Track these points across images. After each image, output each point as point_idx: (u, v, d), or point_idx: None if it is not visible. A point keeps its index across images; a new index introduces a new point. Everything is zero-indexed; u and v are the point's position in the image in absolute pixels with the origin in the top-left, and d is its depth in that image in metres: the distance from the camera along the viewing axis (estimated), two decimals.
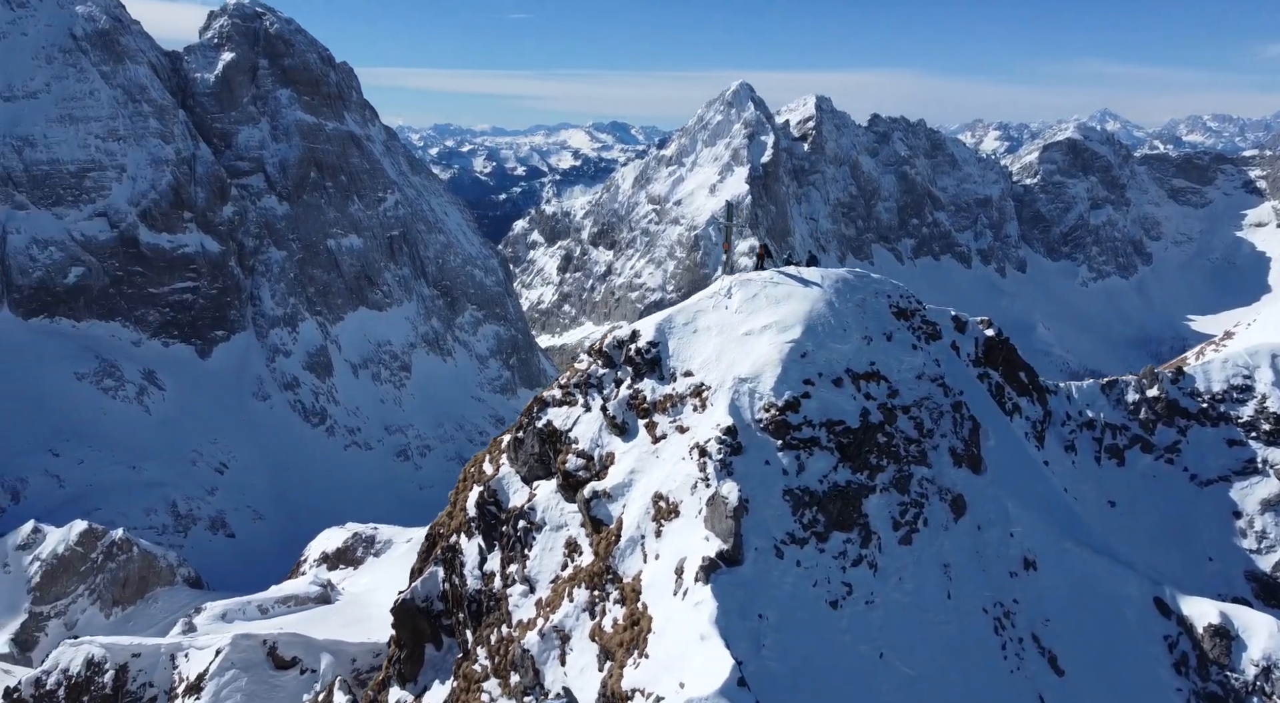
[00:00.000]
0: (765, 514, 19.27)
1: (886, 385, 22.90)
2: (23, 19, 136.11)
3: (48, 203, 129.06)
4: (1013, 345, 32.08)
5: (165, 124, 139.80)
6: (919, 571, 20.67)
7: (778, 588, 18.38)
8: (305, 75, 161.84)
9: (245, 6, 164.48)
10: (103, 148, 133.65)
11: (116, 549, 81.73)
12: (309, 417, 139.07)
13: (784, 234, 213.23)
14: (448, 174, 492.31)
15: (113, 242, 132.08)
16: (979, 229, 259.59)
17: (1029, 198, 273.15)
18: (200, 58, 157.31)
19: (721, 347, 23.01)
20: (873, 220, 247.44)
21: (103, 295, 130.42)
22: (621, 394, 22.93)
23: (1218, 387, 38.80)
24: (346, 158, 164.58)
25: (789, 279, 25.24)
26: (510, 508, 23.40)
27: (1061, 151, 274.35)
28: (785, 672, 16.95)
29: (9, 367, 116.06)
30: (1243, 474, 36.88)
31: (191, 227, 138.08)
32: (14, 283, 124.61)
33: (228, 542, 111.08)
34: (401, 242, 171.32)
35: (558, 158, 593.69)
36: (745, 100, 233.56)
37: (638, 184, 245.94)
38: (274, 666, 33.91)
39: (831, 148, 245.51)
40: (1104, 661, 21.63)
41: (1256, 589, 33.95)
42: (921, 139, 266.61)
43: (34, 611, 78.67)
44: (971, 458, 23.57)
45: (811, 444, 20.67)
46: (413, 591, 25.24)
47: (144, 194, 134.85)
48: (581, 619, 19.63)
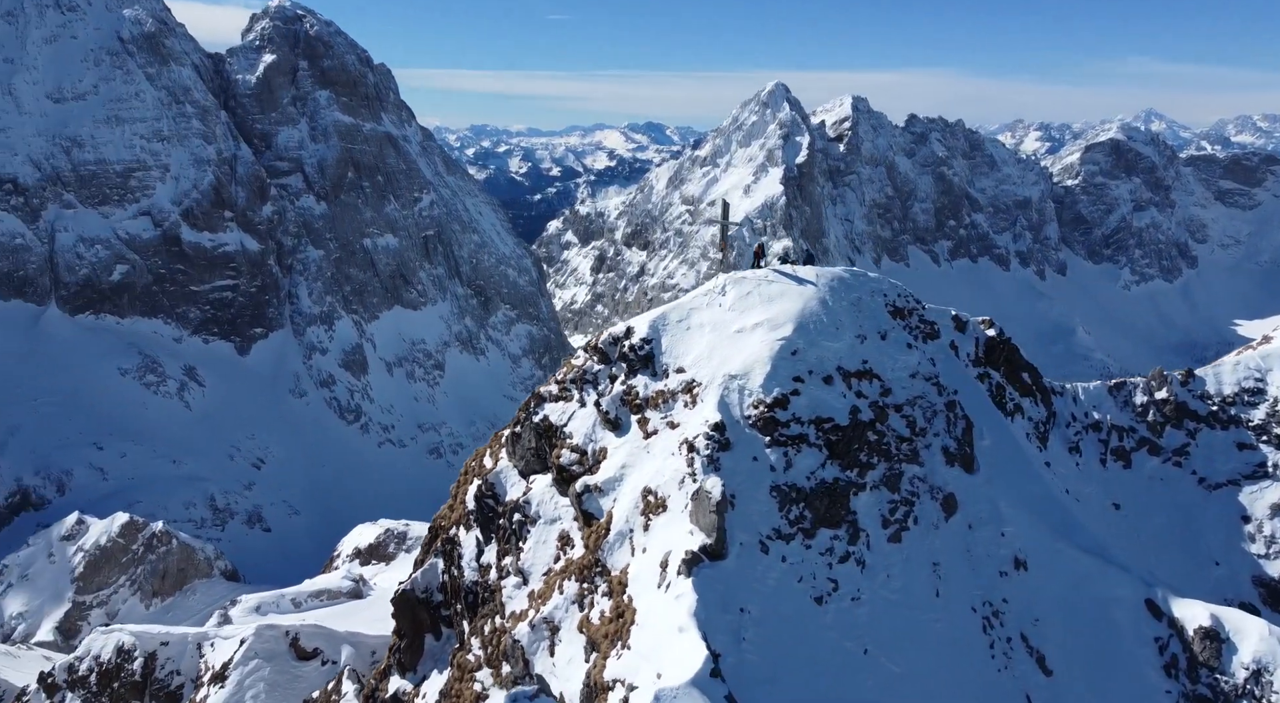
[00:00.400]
0: (751, 510, 19.40)
1: (879, 384, 22.95)
2: (72, 22, 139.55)
3: (94, 202, 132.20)
4: (1015, 346, 31.83)
5: (208, 125, 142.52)
6: (908, 568, 20.66)
7: (762, 583, 18.46)
8: (344, 76, 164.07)
9: (286, 9, 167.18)
10: (147, 148, 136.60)
11: (156, 541, 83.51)
12: (344, 414, 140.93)
13: (818, 235, 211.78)
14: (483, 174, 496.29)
15: (156, 240, 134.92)
16: (1018, 231, 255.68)
17: (1070, 199, 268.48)
18: (242, 59, 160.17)
19: (713, 344, 23.19)
20: (909, 222, 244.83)
21: (146, 293, 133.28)
22: (615, 390, 23.20)
23: (1229, 389, 38.18)
24: (383, 158, 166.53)
25: (783, 278, 25.28)
26: (507, 501, 23.78)
27: (1104, 152, 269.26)
28: (766, 665, 16.99)
29: (56, 362, 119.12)
30: (1253, 478, 36.26)
31: (232, 226, 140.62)
32: (61, 280, 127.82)
33: (264, 536, 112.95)
34: (436, 241, 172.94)
35: (592, 158, 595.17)
36: (780, 100, 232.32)
37: (671, 184, 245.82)
38: (296, 656, 34.50)
39: (867, 148, 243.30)
40: (1093, 661, 21.59)
41: (1264, 595, 33.36)
42: (959, 140, 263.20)
43: (77, 600, 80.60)
44: (964, 457, 23.64)
45: (800, 441, 20.78)
46: (413, 581, 25.70)
47: (186, 193, 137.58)
48: (571, 611, 19.88)
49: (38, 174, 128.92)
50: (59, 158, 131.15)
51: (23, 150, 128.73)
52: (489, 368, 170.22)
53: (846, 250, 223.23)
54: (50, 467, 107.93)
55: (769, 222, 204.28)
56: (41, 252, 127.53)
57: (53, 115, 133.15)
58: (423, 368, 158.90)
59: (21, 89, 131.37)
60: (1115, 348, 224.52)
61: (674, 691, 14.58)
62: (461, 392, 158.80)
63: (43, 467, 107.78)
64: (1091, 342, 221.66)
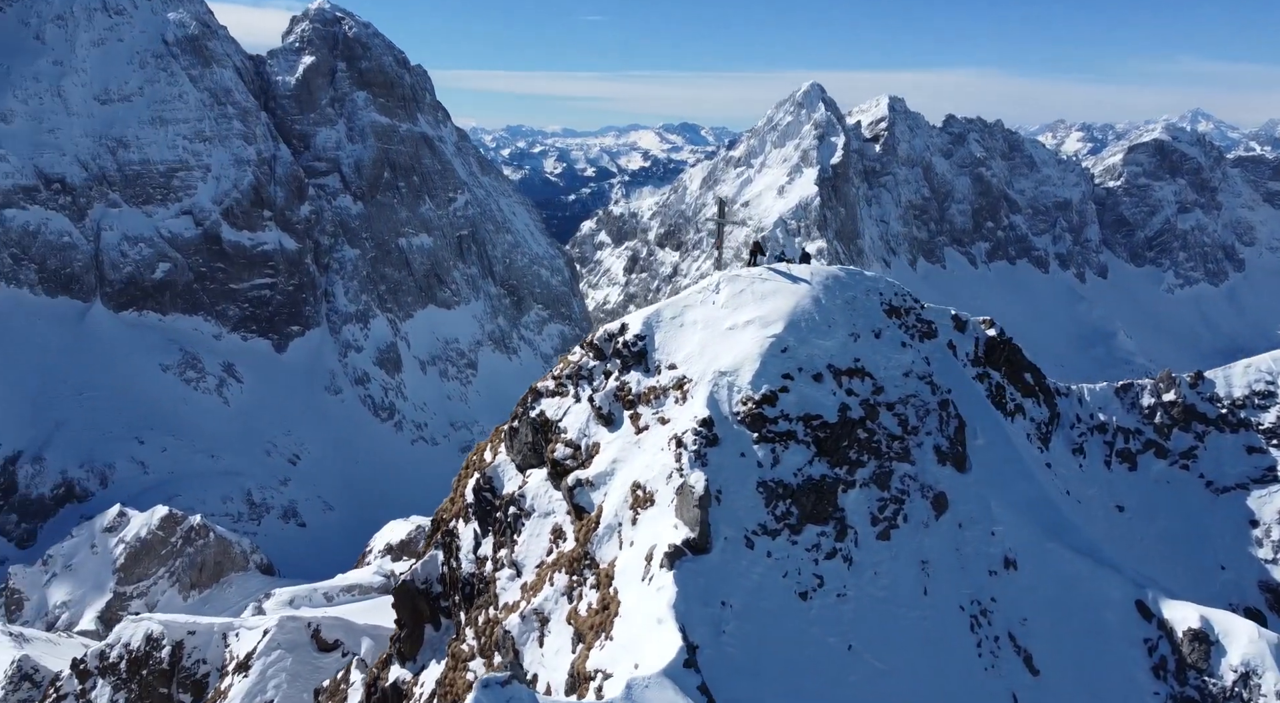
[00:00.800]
0: (738, 505, 19.57)
1: (871, 382, 23.05)
2: (119, 25, 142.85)
3: (138, 201, 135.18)
4: (1016, 346, 31.67)
5: (248, 126, 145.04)
6: (895, 566, 20.71)
7: (745, 577, 18.62)
8: (381, 77, 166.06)
9: (325, 11, 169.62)
10: (189, 149, 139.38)
11: (194, 534, 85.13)
12: (378, 411, 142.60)
13: (853, 237, 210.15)
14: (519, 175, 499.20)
15: (197, 239, 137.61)
16: (1058, 233, 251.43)
17: (1112, 201, 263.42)
18: (282, 61, 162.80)
19: (705, 341, 23.36)
20: (945, 223, 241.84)
21: (187, 290, 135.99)
22: (609, 386, 23.53)
23: (1239, 392, 37.62)
24: (419, 158, 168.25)
25: (778, 276, 25.37)
26: (503, 495, 24.19)
27: (1148, 153, 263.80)
28: (746, 658, 17.08)
29: (101, 358, 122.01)
30: (1262, 482, 35.71)
31: (270, 225, 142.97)
32: (106, 277, 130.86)
33: (299, 530, 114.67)
34: (470, 241, 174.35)
35: (627, 159, 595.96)
36: (815, 101, 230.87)
37: (705, 185, 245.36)
38: (317, 648, 35.06)
39: (904, 149, 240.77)
40: (1081, 662, 21.51)
41: (1270, 600, 32.83)
42: (998, 140, 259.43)
43: (118, 590, 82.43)
44: (956, 456, 23.62)
45: (787, 438, 20.90)
46: (413, 572, 26.15)
47: (227, 193, 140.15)
48: (560, 603, 20.16)
49: (85, 174, 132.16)
50: (105, 158, 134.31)
51: (71, 151, 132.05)
52: (521, 367, 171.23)
53: (881, 252, 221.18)
54: (94, 460, 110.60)
55: (803, 223, 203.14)
56: (87, 249, 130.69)
57: (99, 116, 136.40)
58: (456, 367, 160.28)
59: (70, 91, 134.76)
60: (1157, 352, 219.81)
61: (646, 679, 14.72)
62: (494, 391, 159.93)
63: (87, 460, 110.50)
64: (1133, 345, 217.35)
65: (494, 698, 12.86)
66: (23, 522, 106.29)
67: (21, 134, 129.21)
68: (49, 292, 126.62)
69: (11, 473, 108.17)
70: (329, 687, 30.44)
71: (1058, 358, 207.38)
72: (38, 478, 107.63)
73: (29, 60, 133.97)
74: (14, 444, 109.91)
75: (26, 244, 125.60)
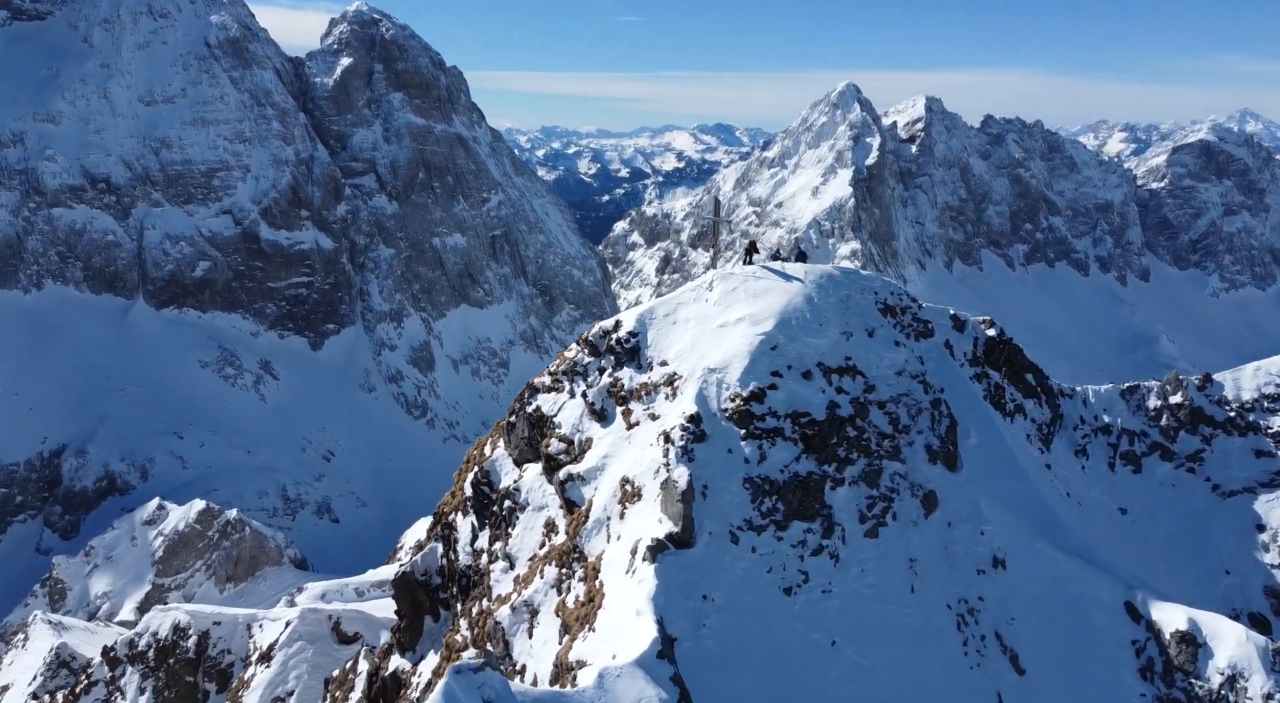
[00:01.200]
0: (723, 501, 19.71)
1: (862, 380, 23.11)
2: (163, 29, 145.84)
3: (180, 201, 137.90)
4: (1017, 346, 31.62)
5: (287, 126, 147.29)
6: (883, 563, 20.75)
7: (729, 572, 18.74)
8: (417, 79, 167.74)
9: (363, 13, 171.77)
10: (230, 149, 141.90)
11: (231, 529, 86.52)
12: (411, 409, 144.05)
13: (888, 238, 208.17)
14: (553, 175, 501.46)
15: (236, 238, 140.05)
16: (1098, 235, 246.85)
17: (1155, 203, 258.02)
18: (320, 63, 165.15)
19: (696, 338, 23.55)
20: (982, 225, 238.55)
21: (226, 288, 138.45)
22: (602, 382, 23.84)
23: (1248, 395, 36.95)
24: (453, 159, 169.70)
25: (771, 274, 25.53)
26: (500, 489, 24.59)
27: (1193, 154, 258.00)
28: (726, 651, 17.23)
29: (143, 354, 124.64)
30: (1270, 486, 35.11)
31: (308, 224, 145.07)
32: (149, 275, 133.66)
33: (332, 526, 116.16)
34: (503, 241, 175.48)
35: (661, 159, 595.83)
36: (851, 101, 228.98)
37: (739, 186, 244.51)
38: (337, 639, 35.64)
39: (941, 150, 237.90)
40: (1067, 662, 21.46)
41: (1276, 605, 32.31)
42: (1038, 141, 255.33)
43: (156, 582, 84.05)
44: (947, 455, 23.66)
45: (775, 434, 21.00)
46: (413, 564, 26.61)
47: (265, 193, 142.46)
48: (550, 595, 20.44)
49: (129, 174, 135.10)
50: (148, 158, 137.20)
51: (116, 151, 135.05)
52: None
53: (917, 253, 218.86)
54: (135, 454, 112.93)
55: (837, 224, 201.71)
56: (131, 248, 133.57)
57: (143, 117, 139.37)
58: (487, 366, 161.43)
59: (116, 93, 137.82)
60: (1201, 357, 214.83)
61: (618, 669, 14.81)
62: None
63: (128, 454, 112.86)
64: (1175, 350, 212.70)
65: (466, 684, 12.95)
66: (66, 513, 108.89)
67: (69, 135, 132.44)
68: (94, 289, 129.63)
69: (56, 466, 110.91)
70: (338, 676, 31.03)
71: (1097, 362, 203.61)
72: (81, 471, 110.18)
73: (77, 63, 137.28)
74: (59, 438, 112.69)
75: (73, 242, 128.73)
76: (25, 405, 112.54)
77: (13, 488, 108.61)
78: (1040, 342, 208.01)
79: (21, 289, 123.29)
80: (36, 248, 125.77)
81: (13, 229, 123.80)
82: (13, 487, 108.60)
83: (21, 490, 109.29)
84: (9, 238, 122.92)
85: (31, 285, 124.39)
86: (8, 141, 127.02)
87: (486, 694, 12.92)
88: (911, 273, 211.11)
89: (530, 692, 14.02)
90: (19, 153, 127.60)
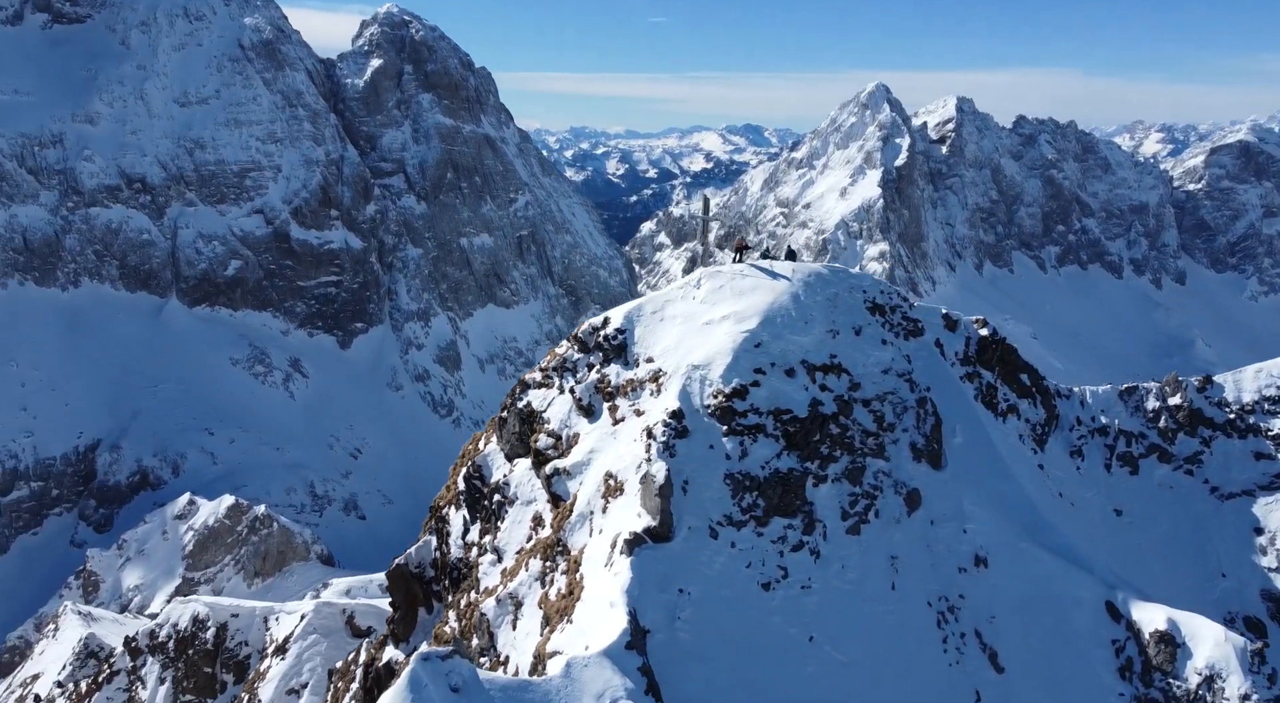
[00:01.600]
0: (704, 496, 19.94)
1: (848, 378, 23.30)
2: (199, 31, 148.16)
3: (213, 200, 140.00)
4: (1011, 346, 31.54)
5: (318, 127, 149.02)
6: (864, 560, 20.90)
7: (707, 566, 18.94)
8: (446, 80, 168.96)
9: (394, 15, 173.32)
10: (262, 150, 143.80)
11: (259, 524, 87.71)
12: (438, 408, 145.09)
13: (917, 239, 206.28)
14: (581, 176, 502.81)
15: (267, 237, 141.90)
16: (1132, 238, 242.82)
17: (1192, 205, 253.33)
18: (351, 64, 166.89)
19: (682, 335, 23.83)
20: (1014, 226, 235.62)
21: (257, 287, 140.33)
22: (590, 378, 24.19)
23: (1248, 397, 36.43)
24: (481, 159, 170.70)
25: (758, 272, 25.77)
26: (491, 483, 25.02)
27: (1231, 155, 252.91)
28: (700, 644, 17.40)
29: (176, 351, 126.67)
30: (1269, 489, 34.61)
31: (337, 224, 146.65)
32: (182, 274, 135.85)
33: (359, 523, 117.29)
34: (530, 241, 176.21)
35: (689, 160, 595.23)
36: (880, 102, 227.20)
37: (766, 186, 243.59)
38: (351, 633, 36.09)
39: (972, 151, 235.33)
40: (1047, 661, 21.58)
41: (1273, 609, 31.94)
42: (1071, 141, 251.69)
43: (187, 576, 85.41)
44: (932, 454, 23.81)
45: (756, 431, 21.22)
46: (407, 557, 27.03)
47: (296, 193, 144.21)
48: (534, 588, 20.73)
49: (164, 174, 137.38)
50: (183, 159, 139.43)
51: (151, 152, 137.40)
52: None
53: (946, 255, 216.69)
54: (167, 450, 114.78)
55: (865, 225, 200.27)
56: (165, 247, 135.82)
57: (178, 118, 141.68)
58: (514, 365, 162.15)
59: (152, 94, 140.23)
60: (1238, 362, 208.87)
61: (586, 659, 15.01)
62: None
63: (160, 449, 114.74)
64: (1212, 355, 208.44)
65: (432, 671, 13.00)
66: (100, 507, 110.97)
67: (106, 136, 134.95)
68: (129, 287, 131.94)
69: (91, 461, 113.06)
70: (341, 668, 31.56)
71: (1131, 367, 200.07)
72: (115, 466, 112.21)
73: (115, 65, 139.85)
74: (94, 433, 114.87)
75: (109, 241, 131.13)
76: (62, 401, 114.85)
77: (49, 482, 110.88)
78: (1072, 345, 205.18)
79: (59, 287, 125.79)
80: (74, 247, 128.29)
81: (51, 228, 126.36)
82: (49, 480, 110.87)
83: (58, 484, 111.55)
84: (48, 237, 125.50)
85: (69, 283, 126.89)
86: (47, 142, 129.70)
87: (454, 682, 12.96)
88: (941, 274, 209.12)
89: (498, 679, 14.15)
90: (58, 153, 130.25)
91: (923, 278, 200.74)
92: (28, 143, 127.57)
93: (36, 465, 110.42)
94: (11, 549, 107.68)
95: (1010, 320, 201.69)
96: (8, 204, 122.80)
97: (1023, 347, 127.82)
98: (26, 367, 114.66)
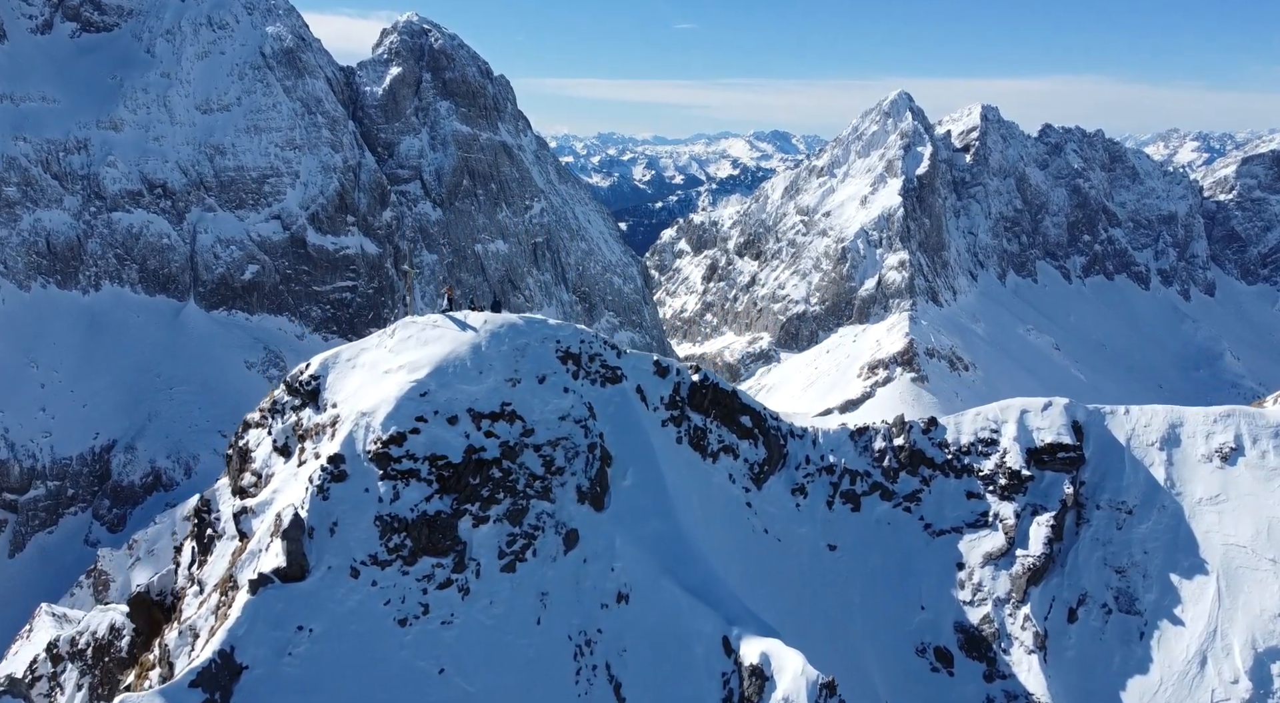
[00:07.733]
0: (351, 537, 21.11)
1: (520, 424, 24.68)
2: (222, 39, 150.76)
3: (232, 206, 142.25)
4: (727, 391, 33.00)
5: (336, 134, 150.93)
6: (515, 596, 22.23)
7: (340, 604, 19.96)
8: (464, 87, 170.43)
9: (414, 23, 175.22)
10: (281, 156, 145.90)
11: None
12: None
13: (938, 248, 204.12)
14: (608, 182, 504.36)
15: (284, 242, 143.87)
16: (1160, 248, 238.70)
17: (1222, 215, 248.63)
18: (371, 72, 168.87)
19: (363, 382, 25.10)
20: (1039, 236, 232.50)
21: (273, 291, 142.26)
22: (288, 421, 25.58)
23: (966, 439, 38.56)
24: (498, 166, 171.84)
25: (449, 323, 27.01)
26: (211, 517, 26.57)
27: (1264, 165, 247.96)
28: (310, 678, 18.23)
29: (192, 354, 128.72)
30: (974, 527, 36.69)
31: (353, 229, 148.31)
32: (200, 278, 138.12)
33: None
34: (545, 248, 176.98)
35: (716, 167, 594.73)
36: (903, 110, 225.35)
37: (787, 194, 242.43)
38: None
39: (996, 159, 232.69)
40: (664, 692, 22.67)
41: (962, 640, 33.75)
42: (1098, 150, 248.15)
43: None
44: (594, 496, 25.10)
45: (410, 475, 22.54)
46: (149, 585, 28.13)
47: (313, 199, 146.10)
48: (209, 621, 21.82)
49: (184, 179, 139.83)
50: (203, 165, 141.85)
51: (173, 157, 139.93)
52: None
53: (969, 264, 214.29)
54: (180, 451, 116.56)
55: (885, 234, 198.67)
56: (184, 251, 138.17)
57: (200, 125, 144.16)
58: None
59: (175, 102, 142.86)
60: (1269, 375, 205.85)
61: (140, 698, 15.91)
62: None
63: (174, 451, 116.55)
64: (1241, 368, 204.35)
65: None
66: (114, 507, 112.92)
67: (130, 142, 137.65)
68: (148, 290, 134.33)
69: (106, 461, 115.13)
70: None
71: (1158, 379, 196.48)
72: (129, 466, 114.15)
73: (140, 73, 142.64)
74: (110, 434, 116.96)
75: (130, 245, 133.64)
76: (80, 402, 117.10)
77: (65, 481, 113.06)
78: (1098, 357, 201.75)
79: (80, 290, 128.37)
80: (95, 250, 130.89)
81: (74, 232, 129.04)
82: (65, 480, 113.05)
83: (73, 484, 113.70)
84: (70, 241, 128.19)
85: (90, 286, 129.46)
86: (73, 148, 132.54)
87: None
88: (962, 283, 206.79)
89: None
90: (82, 159, 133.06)
91: (943, 287, 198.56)
92: (53, 149, 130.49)
93: (54, 465, 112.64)
94: (28, 547, 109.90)
95: (1032, 331, 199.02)
96: (33, 209, 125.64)
97: (1044, 358, 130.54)
98: (46, 368, 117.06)
